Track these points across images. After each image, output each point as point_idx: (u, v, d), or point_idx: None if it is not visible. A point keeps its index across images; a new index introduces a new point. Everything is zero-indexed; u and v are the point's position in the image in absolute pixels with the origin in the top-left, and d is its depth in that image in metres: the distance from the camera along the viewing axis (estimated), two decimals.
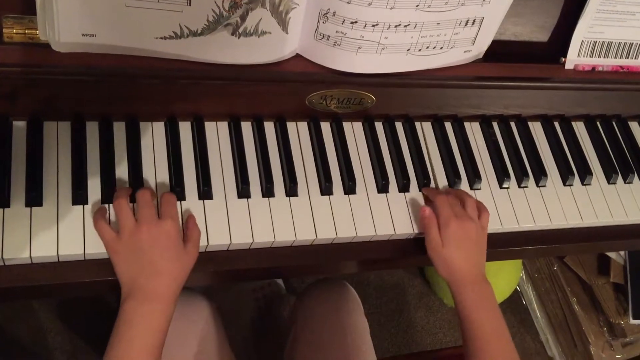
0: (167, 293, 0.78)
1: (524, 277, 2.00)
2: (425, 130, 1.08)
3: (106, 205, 0.85)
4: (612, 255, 1.73)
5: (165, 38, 0.80)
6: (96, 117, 0.90)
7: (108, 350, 0.75)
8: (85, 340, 1.55)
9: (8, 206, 0.82)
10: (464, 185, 1.05)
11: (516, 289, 1.99)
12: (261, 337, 1.58)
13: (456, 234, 0.91)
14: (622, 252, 1.73)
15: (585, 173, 1.12)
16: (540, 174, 1.09)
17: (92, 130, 0.90)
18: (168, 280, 0.78)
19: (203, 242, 0.87)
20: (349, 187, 0.98)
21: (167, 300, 0.78)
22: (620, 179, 1.15)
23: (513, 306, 2.00)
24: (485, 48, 0.98)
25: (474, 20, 0.91)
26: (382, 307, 1.87)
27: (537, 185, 1.09)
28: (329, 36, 0.86)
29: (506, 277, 1.85)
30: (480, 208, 0.97)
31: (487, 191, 1.06)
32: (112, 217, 0.85)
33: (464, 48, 0.95)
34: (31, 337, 1.53)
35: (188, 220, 0.87)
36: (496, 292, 1.80)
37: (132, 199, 0.85)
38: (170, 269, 0.79)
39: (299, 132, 1.01)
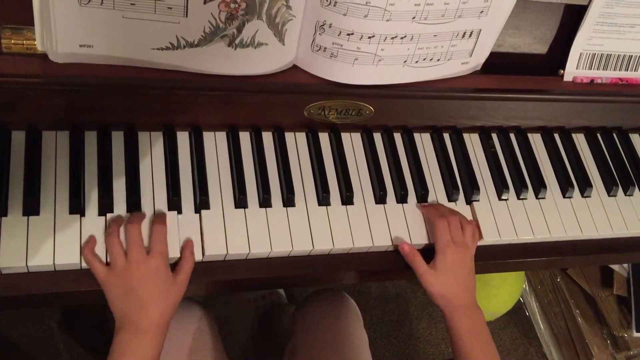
0: (156, 325, 0.80)
1: (527, 288, 1.99)
2: (424, 142, 1.08)
3: (96, 235, 0.85)
4: (615, 267, 1.72)
5: (162, 49, 0.80)
6: (94, 127, 0.91)
7: None
8: (87, 347, 1.55)
9: (5, 215, 0.82)
10: (462, 196, 1.05)
11: (519, 300, 1.98)
12: (261, 346, 1.58)
13: (453, 261, 0.92)
14: (625, 265, 1.72)
15: (585, 185, 1.11)
16: (539, 186, 1.08)
17: (91, 139, 0.91)
18: (157, 314, 0.80)
19: (199, 253, 0.88)
20: (347, 198, 0.98)
21: (156, 331, 0.80)
22: (620, 191, 1.14)
23: (516, 318, 1.98)
24: (483, 60, 0.98)
25: (471, 32, 0.91)
26: (384, 318, 1.87)
27: (537, 197, 1.09)
28: (325, 48, 0.86)
29: (509, 288, 1.84)
30: (475, 234, 0.98)
31: (486, 203, 1.05)
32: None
33: (462, 60, 0.95)
34: (32, 344, 1.53)
35: (185, 249, 0.87)
36: (499, 303, 1.82)
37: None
38: (158, 303, 0.81)
39: (297, 142, 1.01)
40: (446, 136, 1.09)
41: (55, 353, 1.54)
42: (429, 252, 0.95)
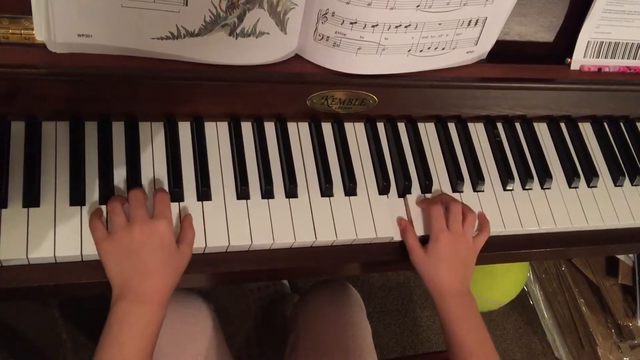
0: (159, 295, 0.77)
1: (531, 277, 1.98)
2: (428, 131, 1.07)
3: (103, 207, 0.85)
4: (620, 256, 1.71)
5: (162, 38, 0.79)
6: (95, 117, 0.90)
7: (99, 351, 0.73)
8: (89, 336, 1.55)
9: (5, 207, 0.81)
10: (467, 187, 1.03)
11: (523, 289, 1.98)
12: (264, 336, 1.58)
13: (445, 249, 0.91)
14: (630, 254, 1.71)
15: (591, 175, 1.10)
16: (545, 176, 1.07)
17: (91, 130, 0.90)
18: (159, 282, 0.77)
19: (201, 244, 0.87)
20: (350, 189, 0.97)
21: (158, 301, 0.77)
22: (627, 181, 1.13)
23: (520, 307, 1.98)
24: (488, 48, 0.96)
25: (477, 21, 0.89)
26: (388, 307, 1.86)
27: (542, 188, 1.07)
28: (328, 37, 0.84)
29: (513, 277, 1.83)
30: (482, 227, 0.97)
31: (491, 193, 1.04)
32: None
33: (467, 48, 0.93)
34: (35, 333, 1.54)
35: (184, 220, 0.86)
36: (503, 292, 1.81)
37: None
38: (162, 271, 0.77)
39: (299, 132, 1.00)
40: (451, 126, 1.08)
41: (58, 341, 1.54)
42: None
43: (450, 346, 0.89)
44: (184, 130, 0.94)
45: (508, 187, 1.05)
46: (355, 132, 1.03)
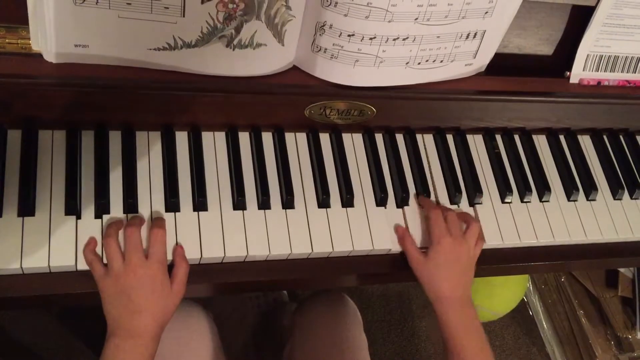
0: (148, 332, 0.79)
1: (531, 288, 1.97)
2: (427, 143, 1.06)
3: (96, 231, 0.84)
4: (620, 268, 1.71)
5: (159, 49, 0.79)
6: (91, 126, 0.90)
7: None
8: (85, 343, 1.55)
9: (0, 216, 0.81)
10: (465, 199, 1.03)
11: (523, 300, 1.97)
12: (262, 344, 1.57)
13: (446, 253, 0.90)
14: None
15: (590, 188, 1.09)
16: (543, 189, 1.07)
17: (88, 139, 0.90)
18: (150, 320, 0.79)
19: (197, 255, 0.87)
20: (347, 200, 0.96)
21: (148, 338, 0.79)
22: (626, 194, 1.12)
23: (519, 317, 1.97)
24: (487, 61, 0.96)
25: (476, 34, 0.89)
26: (386, 316, 1.86)
27: (541, 200, 1.07)
28: (326, 49, 0.84)
29: (513, 288, 1.83)
30: (478, 233, 0.96)
31: (489, 206, 1.04)
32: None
33: (465, 61, 0.93)
34: (31, 338, 1.53)
35: (175, 254, 0.85)
36: (502, 303, 1.80)
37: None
38: (152, 310, 0.80)
39: (297, 143, 1.00)
40: (449, 137, 1.07)
41: (55, 347, 1.54)
42: None
43: (448, 354, 0.88)
44: (181, 140, 0.94)
45: (506, 200, 1.05)
46: (354, 143, 1.02)
